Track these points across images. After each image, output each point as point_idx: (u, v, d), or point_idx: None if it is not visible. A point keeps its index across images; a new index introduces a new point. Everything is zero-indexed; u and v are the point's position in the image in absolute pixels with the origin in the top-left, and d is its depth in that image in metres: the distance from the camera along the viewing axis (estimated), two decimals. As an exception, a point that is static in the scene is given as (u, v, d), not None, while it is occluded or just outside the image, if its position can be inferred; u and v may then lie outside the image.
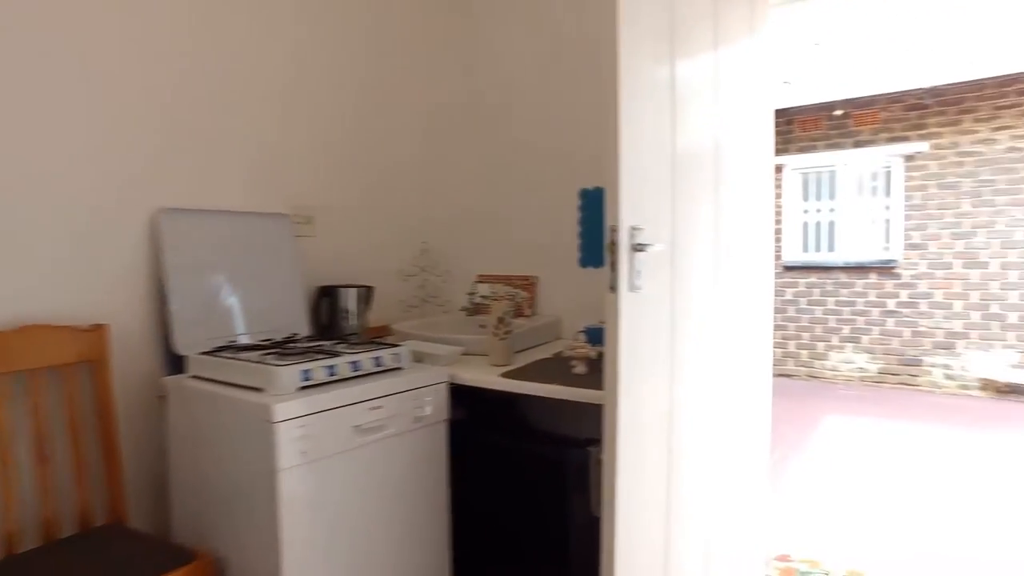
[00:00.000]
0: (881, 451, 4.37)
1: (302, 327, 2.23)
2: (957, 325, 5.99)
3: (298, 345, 1.93)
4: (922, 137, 6.12)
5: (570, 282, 2.51)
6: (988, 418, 5.22)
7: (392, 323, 2.53)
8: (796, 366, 6.80)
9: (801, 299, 6.75)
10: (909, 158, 6.19)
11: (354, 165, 2.58)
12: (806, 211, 6.85)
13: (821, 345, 6.66)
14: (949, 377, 6.03)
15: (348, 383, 1.71)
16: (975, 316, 5.91)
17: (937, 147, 6.06)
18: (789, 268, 6.80)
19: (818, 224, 6.79)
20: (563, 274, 2.50)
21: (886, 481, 3.79)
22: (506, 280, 2.62)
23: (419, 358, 2.11)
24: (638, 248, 1.47)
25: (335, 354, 1.78)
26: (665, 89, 1.66)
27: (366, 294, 2.49)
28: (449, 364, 2.08)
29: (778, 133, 6.80)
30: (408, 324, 2.49)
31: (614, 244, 1.45)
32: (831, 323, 6.60)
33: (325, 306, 2.44)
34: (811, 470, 4.02)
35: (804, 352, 6.76)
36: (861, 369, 6.45)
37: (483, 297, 2.65)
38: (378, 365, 1.84)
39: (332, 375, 1.70)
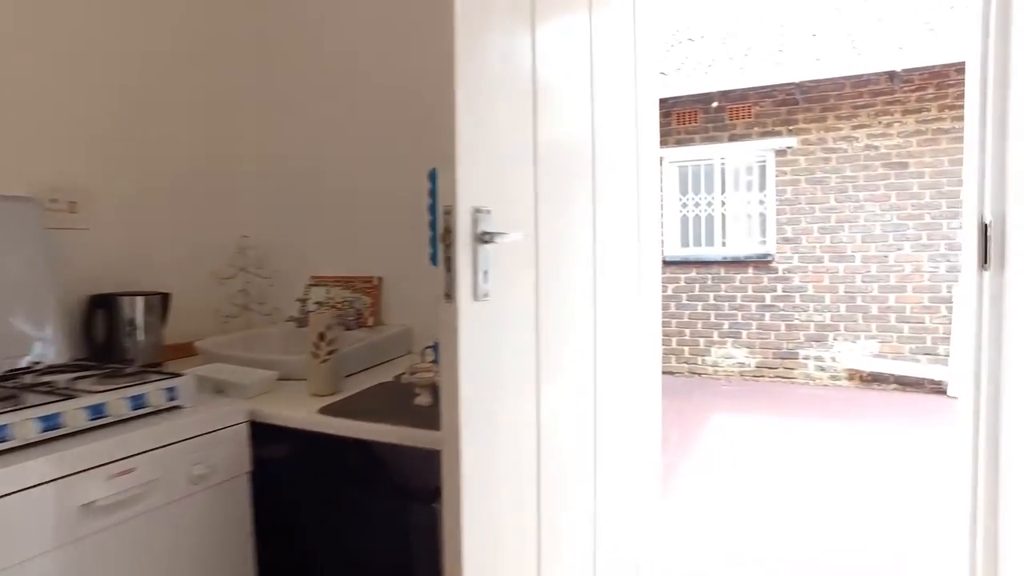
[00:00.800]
0: (767, 452, 4.26)
1: (56, 350, 1.64)
2: (827, 318, 6.12)
3: (19, 382, 1.35)
4: (792, 132, 6.20)
5: (422, 283, 2.04)
6: (855, 409, 5.32)
7: (201, 339, 1.98)
8: (678, 363, 6.74)
9: (682, 294, 6.70)
10: (780, 153, 6.26)
11: (144, 139, 2.00)
12: (684, 205, 6.81)
13: (702, 341, 6.63)
14: (821, 369, 6.16)
15: (81, 438, 1.18)
16: (842, 308, 6.06)
17: (806, 143, 6.16)
18: (669, 263, 6.72)
19: (697, 218, 6.76)
20: (414, 274, 2.03)
21: (774, 488, 3.64)
22: (345, 282, 2.14)
23: (220, 388, 1.60)
24: (484, 239, 1.05)
25: (69, 395, 1.24)
26: (523, 53, 1.25)
27: (160, 303, 1.93)
28: (257, 395, 1.58)
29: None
30: (217, 341, 1.95)
31: (449, 233, 1.02)
32: (712, 318, 6.58)
33: (101, 320, 1.85)
34: (703, 481, 3.82)
35: (686, 348, 6.71)
36: (741, 364, 6.47)
37: (317, 303, 2.15)
38: (139, 407, 1.31)
39: (52, 429, 1.15)
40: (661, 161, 6.72)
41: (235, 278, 2.25)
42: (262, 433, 1.49)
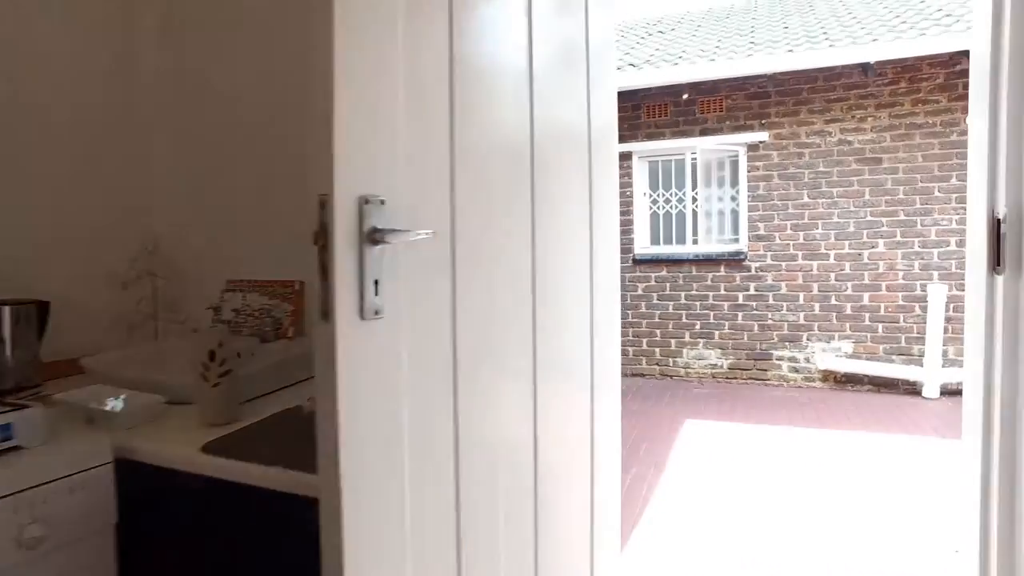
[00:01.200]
0: (742, 461, 4.07)
1: None
2: (801, 317, 5.97)
3: None
4: (764, 127, 6.04)
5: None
6: (830, 411, 5.18)
7: (92, 354, 1.69)
8: (649, 365, 6.55)
9: (652, 294, 6.51)
10: (753, 147, 6.09)
11: (14, 107, 1.70)
12: (655, 201, 6.61)
13: (674, 342, 6.44)
14: (795, 370, 6.01)
15: None
16: (816, 308, 5.91)
17: (778, 137, 6.00)
18: (639, 261, 6.53)
19: (667, 215, 6.57)
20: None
21: (752, 501, 3.44)
22: (263, 287, 1.86)
23: (91, 418, 1.32)
24: (375, 238, 0.80)
25: None
26: (439, 33, 1.00)
27: (35, 314, 1.64)
28: (135, 426, 1.31)
29: (625, 119, 6.50)
30: (107, 358, 1.66)
31: (325, 230, 0.77)
32: (683, 319, 6.40)
33: (-41, 336, 1.56)
34: (676, 497, 3.61)
35: (657, 350, 6.52)
36: (713, 365, 6.30)
37: (234, 311, 1.87)
38: (-44, 451, 1.03)
39: None
40: (630, 156, 6.52)
41: (139, 282, 1.96)
42: (138, 474, 1.22)
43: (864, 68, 5.58)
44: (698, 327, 6.34)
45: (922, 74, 5.52)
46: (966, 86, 2.63)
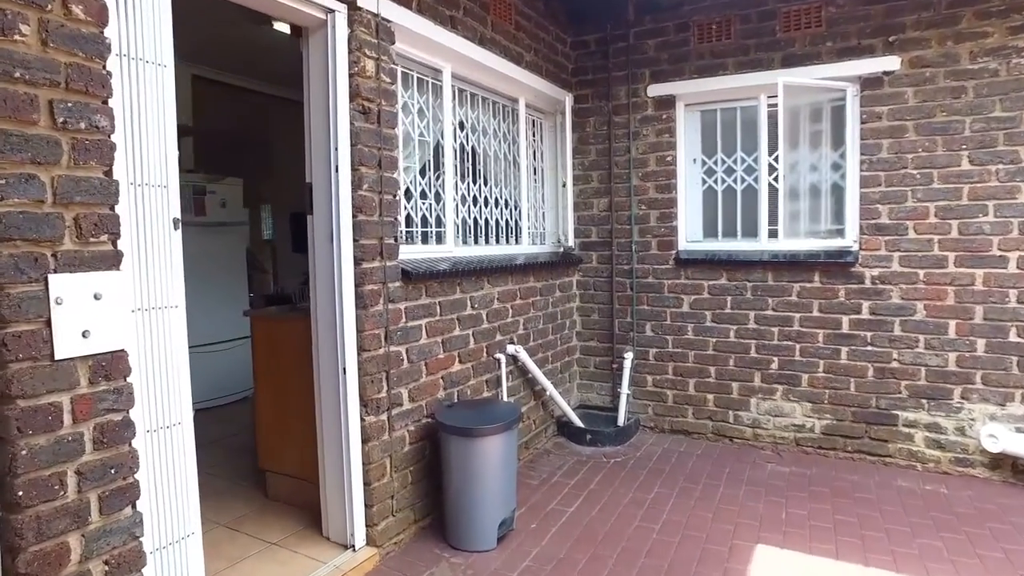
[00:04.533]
0: None
1: None
2: (950, 360, 3.64)
3: None
4: (892, 48, 3.68)
5: None
6: (1010, 534, 2.89)
7: None
8: (698, 418, 4.35)
9: (705, 312, 4.28)
10: (871, 82, 3.75)
11: None
12: (711, 172, 4.35)
13: (737, 387, 4.22)
14: (937, 445, 3.71)
15: None
16: (980, 346, 3.58)
17: (917, 63, 3.63)
18: (686, 262, 4.31)
19: (730, 193, 4.30)
20: None
21: None
22: None
23: None
24: None
25: None
26: None
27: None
28: None
29: (666, 46, 4.23)
30: None
31: None
32: (753, 351, 4.16)
33: None
34: None
35: (711, 397, 4.30)
36: (799, 427, 4.05)
37: None
38: None
39: None
40: (672, 103, 4.26)
41: None
42: None
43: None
44: (776, 366, 4.09)
45: None
46: None
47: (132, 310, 1.83)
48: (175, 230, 1.96)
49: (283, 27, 4.47)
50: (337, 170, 2.57)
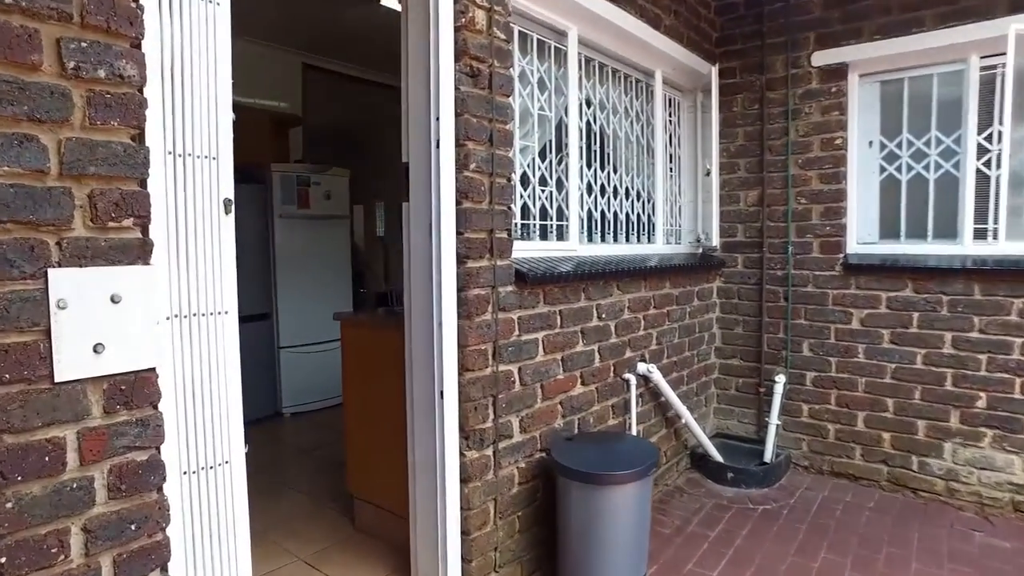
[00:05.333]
0: None
1: None
2: None
3: None
4: None
5: None
6: None
7: None
8: (870, 461, 3.52)
9: (882, 331, 3.45)
10: None
11: None
12: (892, 158, 3.51)
13: (924, 427, 3.36)
14: None
15: None
16: None
17: None
18: (856, 269, 3.50)
19: (919, 182, 3.44)
20: None
21: None
22: None
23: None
24: None
25: None
26: None
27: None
28: None
29: (838, 2, 3.45)
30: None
31: None
32: (948, 383, 3.29)
33: None
34: None
35: (888, 436, 3.47)
36: (1017, 487, 3.14)
37: None
38: None
39: None
40: (842, 72, 3.47)
41: None
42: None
43: None
44: (982, 404, 3.20)
45: None
46: None
47: (166, 317, 1.40)
48: (226, 214, 1.52)
49: (391, 2, 4.10)
50: (438, 145, 2.07)
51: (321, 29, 5.02)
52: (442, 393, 2.12)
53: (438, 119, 2.07)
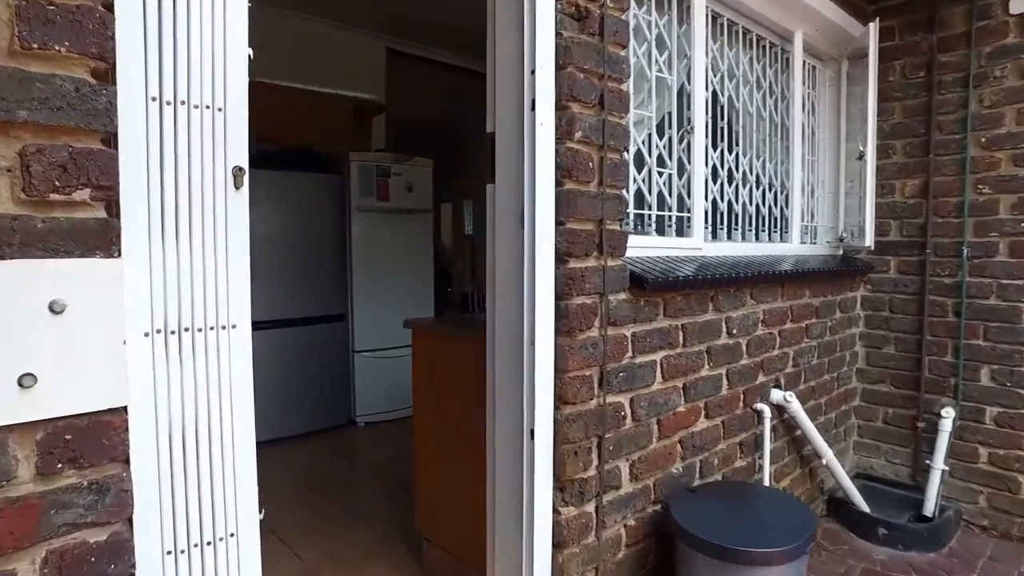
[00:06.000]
0: None
1: None
2: None
3: None
4: None
5: None
6: None
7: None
8: (973, 497, 2.74)
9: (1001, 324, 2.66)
10: None
11: None
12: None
13: None
14: None
15: None
16: None
17: None
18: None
19: None
20: None
21: None
22: None
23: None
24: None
25: None
26: None
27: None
28: None
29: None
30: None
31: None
32: None
33: None
34: None
35: (997, 448, 2.68)
36: None
37: None
38: None
39: None
40: None
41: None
42: None
43: None
44: None
45: None
46: None
47: (144, 333, 0.98)
48: (236, 188, 1.08)
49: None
50: (533, 108, 1.58)
51: (408, 10, 4.66)
52: (532, 432, 1.62)
53: (533, 73, 1.57)
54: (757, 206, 2.79)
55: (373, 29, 5.03)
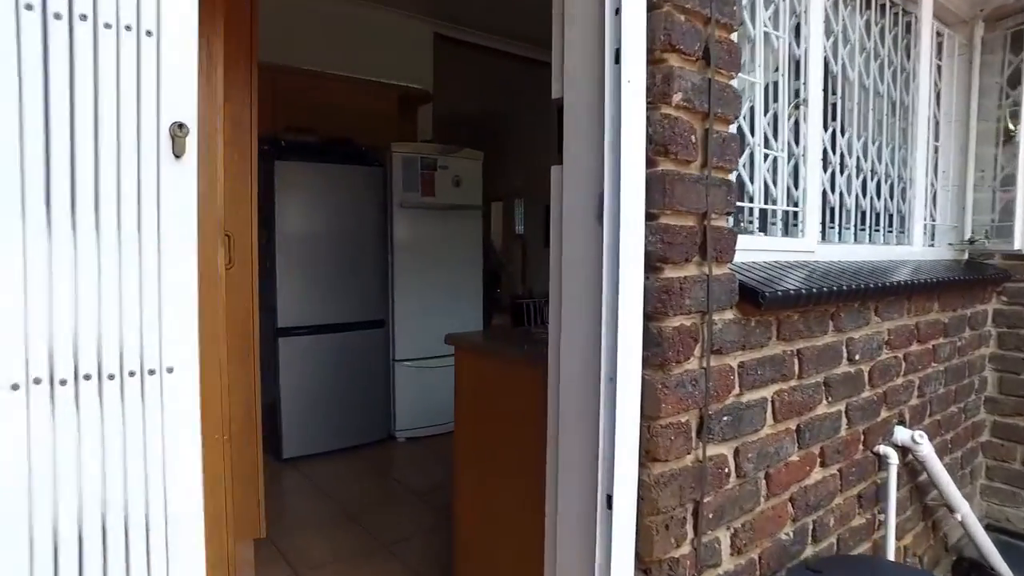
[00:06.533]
0: None
1: None
2: None
3: None
4: None
5: None
6: None
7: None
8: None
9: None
10: None
11: None
12: None
13: None
14: None
15: None
16: None
17: None
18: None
19: None
20: None
21: None
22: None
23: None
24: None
25: None
26: None
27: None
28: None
29: None
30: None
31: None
32: None
33: None
34: None
35: None
36: None
37: None
38: None
39: None
40: None
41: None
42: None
43: None
44: None
45: None
46: None
47: (10, 385, 0.60)
48: (176, 158, 0.70)
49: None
50: (618, 59, 1.15)
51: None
52: (610, 499, 1.19)
53: (618, 12, 1.15)
54: (872, 200, 2.30)
55: (420, 12, 4.68)
